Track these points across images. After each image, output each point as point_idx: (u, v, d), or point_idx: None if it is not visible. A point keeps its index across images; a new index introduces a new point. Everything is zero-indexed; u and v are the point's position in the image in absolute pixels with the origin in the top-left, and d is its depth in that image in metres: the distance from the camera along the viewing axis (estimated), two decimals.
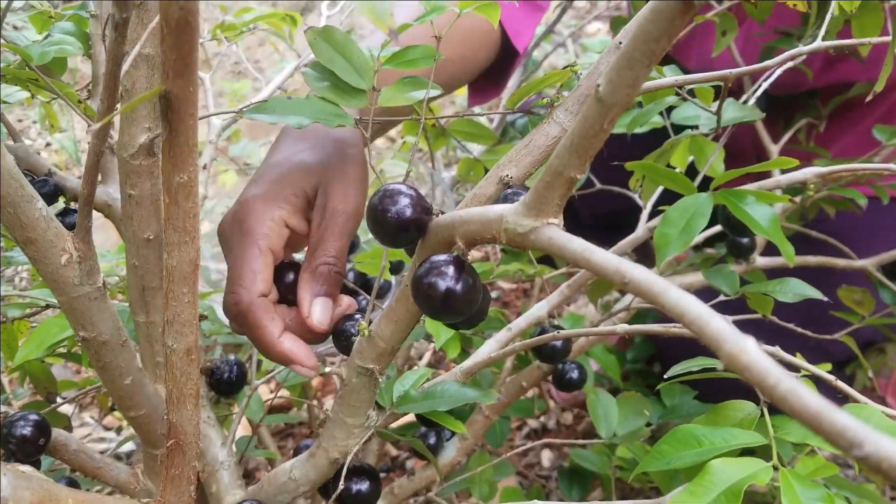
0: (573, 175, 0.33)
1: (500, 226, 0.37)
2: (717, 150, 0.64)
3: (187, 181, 0.41)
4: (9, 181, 0.48)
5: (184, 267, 0.44)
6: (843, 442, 0.21)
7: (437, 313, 0.42)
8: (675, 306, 0.27)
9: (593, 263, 0.31)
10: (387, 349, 0.54)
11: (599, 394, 0.75)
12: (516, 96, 0.53)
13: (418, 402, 0.61)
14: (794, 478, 0.47)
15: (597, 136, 0.31)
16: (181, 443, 0.50)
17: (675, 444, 0.52)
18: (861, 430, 0.21)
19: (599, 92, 0.30)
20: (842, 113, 1.06)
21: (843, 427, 0.21)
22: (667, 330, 0.55)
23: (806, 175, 0.61)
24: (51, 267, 0.52)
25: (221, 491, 0.68)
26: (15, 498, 0.48)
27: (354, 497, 0.62)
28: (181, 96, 0.39)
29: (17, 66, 0.69)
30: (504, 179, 0.49)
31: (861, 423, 0.21)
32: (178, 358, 0.47)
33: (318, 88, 0.56)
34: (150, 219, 0.62)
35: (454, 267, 0.41)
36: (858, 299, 0.86)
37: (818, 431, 0.22)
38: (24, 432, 0.62)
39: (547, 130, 0.48)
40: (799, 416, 0.22)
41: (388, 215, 0.44)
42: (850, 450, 0.21)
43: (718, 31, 0.87)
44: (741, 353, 0.24)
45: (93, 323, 0.55)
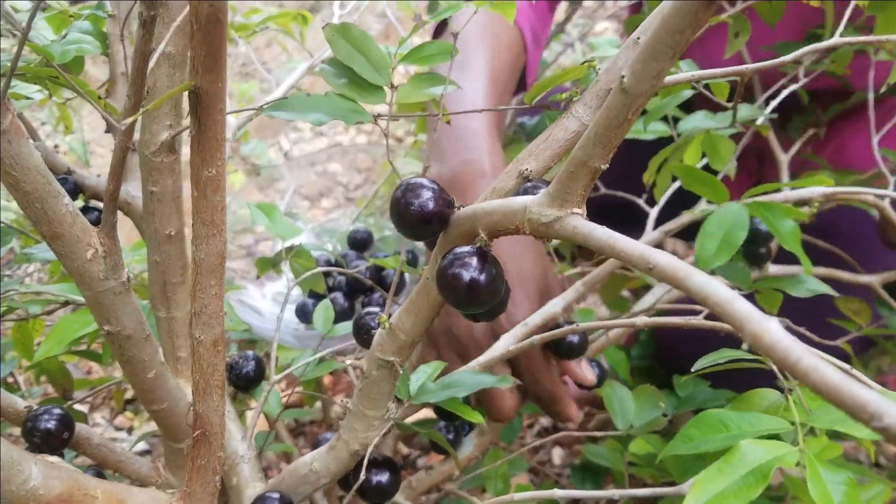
0: (597, 165, 0.34)
1: (523, 216, 0.38)
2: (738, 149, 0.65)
3: (215, 175, 0.42)
4: (36, 177, 0.49)
5: (212, 259, 0.45)
6: (864, 414, 0.22)
7: (461, 304, 0.43)
8: (700, 290, 0.28)
9: (618, 250, 0.32)
10: (407, 341, 0.55)
11: (615, 387, 0.76)
12: (534, 91, 0.54)
13: (436, 392, 0.62)
14: (820, 462, 0.48)
15: (620, 126, 0.32)
16: (207, 433, 0.51)
17: (703, 429, 0.53)
18: (882, 402, 0.22)
19: (624, 83, 0.31)
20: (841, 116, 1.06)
21: (865, 400, 0.22)
22: (687, 322, 0.56)
23: (812, 194, 0.63)
24: (77, 262, 0.53)
25: (242, 484, 0.69)
26: (45, 487, 0.49)
27: (374, 488, 0.63)
28: (210, 91, 0.39)
29: (37, 64, 0.70)
30: (523, 173, 0.50)
31: (880, 395, 0.22)
32: (204, 349, 0.48)
33: (336, 85, 0.57)
34: (172, 215, 0.63)
35: (477, 258, 0.42)
36: (855, 309, 0.87)
37: (839, 405, 0.23)
38: (48, 426, 0.63)
39: (566, 125, 0.49)
40: (821, 391, 0.23)
41: (411, 209, 0.45)
42: (871, 421, 0.22)
43: (731, 33, 0.87)
44: (765, 332, 0.25)
45: (117, 317, 0.56)
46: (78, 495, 0.51)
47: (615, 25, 2.71)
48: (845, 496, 0.46)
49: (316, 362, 0.78)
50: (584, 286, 0.66)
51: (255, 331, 0.91)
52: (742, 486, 0.47)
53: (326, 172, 1.60)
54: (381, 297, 0.93)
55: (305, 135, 2.50)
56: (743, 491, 0.46)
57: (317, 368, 0.77)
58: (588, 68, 0.51)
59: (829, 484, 0.46)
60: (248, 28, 1.01)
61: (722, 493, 0.46)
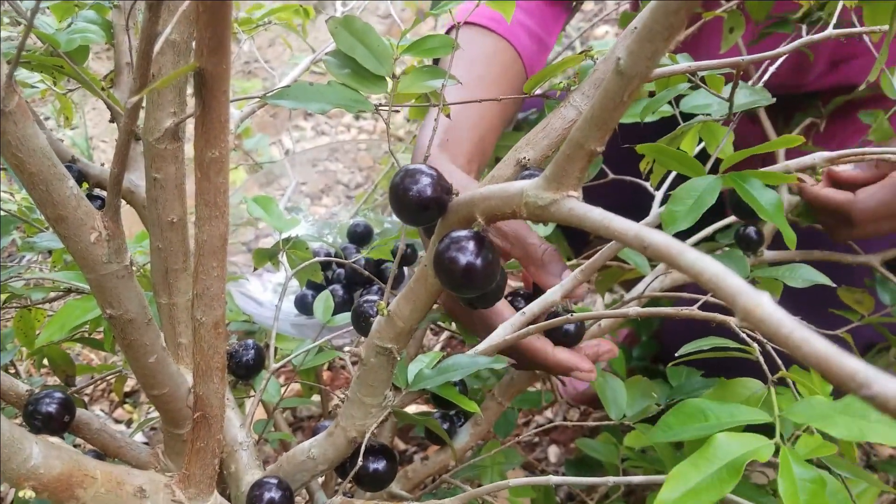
0: (594, 148, 0.34)
1: (520, 200, 0.39)
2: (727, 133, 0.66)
3: (218, 157, 0.43)
4: (41, 159, 0.49)
5: (214, 241, 0.45)
6: (852, 384, 0.23)
7: (457, 287, 0.43)
8: (693, 266, 0.28)
9: (613, 230, 0.32)
10: (405, 329, 0.56)
11: (608, 377, 0.77)
12: (532, 81, 0.54)
13: (432, 377, 0.62)
14: (794, 457, 0.48)
15: (617, 108, 0.33)
16: (207, 416, 0.52)
17: (682, 418, 0.53)
18: (870, 371, 0.22)
19: (620, 64, 0.31)
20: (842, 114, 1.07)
21: (853, 370, 0.23)
22: (679, 312, 0.57)
23: (815, 160, 0.63)
24: (80, 245, 0.53)
25: (240, 470, 0.69)
26: (46, 466, 0.49)
27: (371, 476, 0.64)
28: (215, 73, 0.40)
29: (42, 53, 0.71)
30: (521, 162, 0.50)
31: (869, 366, 0.23)
32: (206, 331, 0.48)
33: (339, 75, 0.57)
34: (175, 202, 0.63)
35: (474, 242, 0.43)
36: (858, 299, 0.87)
37: (828, 375, 0.23)
38: (49, 409, 0.63)
39: (564, 114, 0.49)
40: (811, 362, 0.24)
41: (409, 194, 0.46)
42: (859, 390, 0.22)
43: (726, 28, 0.88)
44: (757, 306, 0.26)
45: (120, 301, 0.57)
46: (77, 475, 0.51)
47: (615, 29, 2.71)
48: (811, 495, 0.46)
49: (315, 351, 0.78)
50: (582, 274, 0.66)
51: (255, 319, 0.91)
52: (716, 480, 0.47)
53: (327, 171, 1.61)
54: (379, 288, 0.94)
55: (307, 133, 2.51)
56: (716, 485, 0.47)
57: (315, 357, 0.77)
58: (585, 58, 0.52)
59: (798, 481, 0.47)
60: (251, 22, 1.01)
61: (695, 489, 0.47)
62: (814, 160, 0.61)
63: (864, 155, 0.57)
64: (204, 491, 0.56)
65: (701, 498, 0.48)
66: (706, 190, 0.54)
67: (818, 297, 0.86)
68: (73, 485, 0.51)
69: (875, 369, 0.23)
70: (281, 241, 0.83)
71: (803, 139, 0.61)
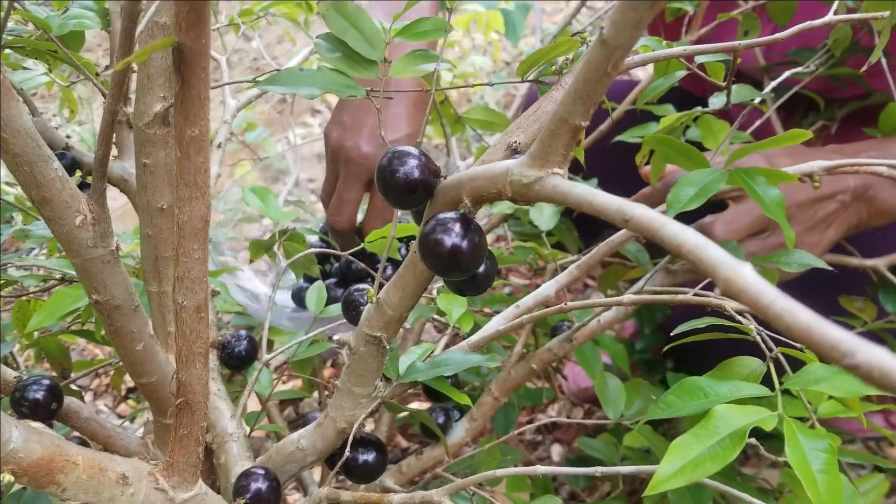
0: (578, 122, 0.33)
1: (505, 179, 0.38)
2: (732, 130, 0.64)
3: (199, 135, 0.42)
4: (26, 140, 0.49)
5: (194, 223, 0.44)
6: (835, 353, 0.22)
7: (443, 270, 0.42)
8: (674, 238, 0.27)
9: (596, 205, 0.31)
10: (395, 317, 0.55)
11: (608, 378, 0.75)
12: (525, 65, 0.53)
13: (424, 371, 0.61)
14: (799, 428, 0.47)
15: (601, 80, 0.32)
16: (190, 402, 0.51)
17: (682, 395, 0.52)
18: (853, 340, 0.21)
19: (603, 34, 0.30)
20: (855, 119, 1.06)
21: (836, 339, 0.22)
22: (674, 298, 0.55)
23: (812, 168, 0.62)
24: (65, 228, 0.52)
25: (230, 462, 0.69)
26: (25, 450, 0.48)
27: (360, 467, 0.63)
28: (194, 48, 0.39)
29: (37, 38, 0.70)
30: (512, 146, 0.49)
31: (852, 335, 0.21)
32: (188, 315, 0.48)
33: (330, 59, 0.56)
34: (164, 188, 0.63)
35: (460, 224, 0.41)
36: (860, 307, 0.86)
37: (811, 345, 0.22)
38: (36, 396, 0.63)
39: (555, 97, 0.48)
40: (793, 333, 0.23)
41: (396, 176, 0.45)
42: (843, 360, 0.21)
43: (741, 31, 0.87)
44: (737, 277, 0.24)
45: (106, 286, 0.56)
46: (59, 461, 0.51)
47: None
48: (826, 464, 0.45)
49: (307, 343, 0.77)
50: (577, 269, 0.65)
51: (250, 312, 0.91)
52: (718, 450, 0.46)
53: None
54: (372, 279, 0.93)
55: (315, 130, 2.50)
56: (719, 455, 0.46)
57: (309, 349, 0.76)
58: (580, 43, 0.51)
59: (807, 450, 0.45)
60: (251, 14, 1.01)
61: (697, 459, 0.46)
62: (811, 167, 0.60)
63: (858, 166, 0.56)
64: (188, 479, 0.55)
65: (704, 468, 0.47)
66: (711, 181, 0.53)
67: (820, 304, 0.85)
68: (54, 470, 0.50)
69: (859, 338, 0.21)
70: (277, 232, 0.82)
71: (811, 134, 0.60)
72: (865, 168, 0.56)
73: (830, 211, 0.74)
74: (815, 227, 0.74)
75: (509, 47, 2.54)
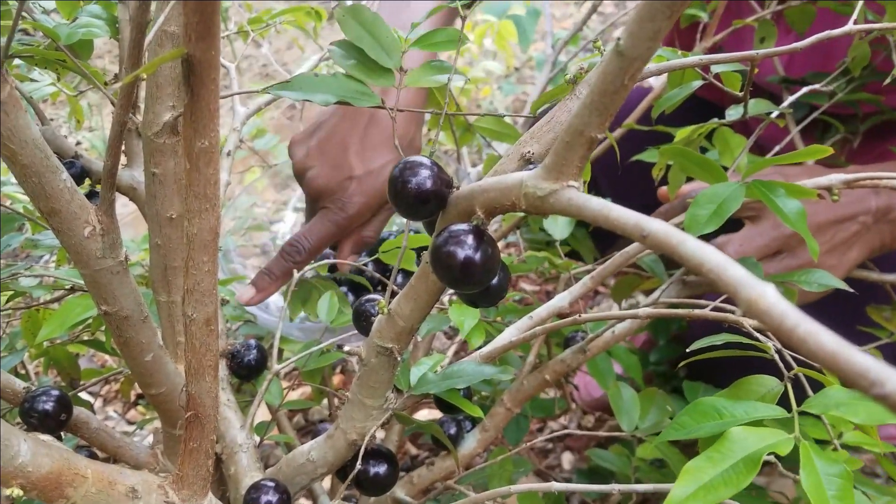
0: (593, 134, 0.33)
1: (519, 191, 0.37)
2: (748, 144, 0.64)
3: (208, 147, 0.41)
4: (34, 151, 0.48)
5: (204, 235, 0.44)
6: (863, 382, 0.21)
7: (455, 283, 0.42)
8: (694, 256, 0.26)
9: (612, 219, 0.30)
10: (406, 328, 0.54)
11: (622, 388, 0.74)
12: (540, 101, 0.53)
13: (436, 383, 0.61)
14: (815, 451, 0.46)
15: (617, 92, 0.31)
16: (200, 415, 0.50)
17: (696, 416, 0.51)
18: (883, 369, 0.21)
19: (620, 45, 0.30)
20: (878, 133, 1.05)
21: (864, 367, 0.21)
22: (690, 313, 0.54)
23: (831, 181, 0.61)
24: (74, 239, 0.52)
25: (240, 473, 0.68)
26: (34, 464, 0.48)
27: (371, 479, 0.62)
28: (203, 60, 0.39)
29: (46, 47, 0.70)
30: (525, 156, 0.48)
31: (881, 362, 0.21)
32: (197, 328, 0.47)
33: (345, 66, 0.56)
34: (174, 198, 0.62)
35: (473, 236, 0.41)
36: (887, 316, 0.85)
37: (837, 372, 0.21)
38: (46, 407, 0.62)
39: (569, 106, 0.48)
40: (818, 358, 0.22)
41: (408, 186, 0.44)
42: (871, 389, 0.21)
43: (756, 38, 0.86)
44: (760, 297, 0.24)
45: (115, 297, 0.56)
46: (68, 474, 0.50)
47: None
48: (841, 490, 0.44)
49: (318, 353, 0.77)
50: (591, 280, 0.65)
51: (259, 322, 0.90)
52: (732, 475, 0.45)
53: None
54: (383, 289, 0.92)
55: None
56: (732, 480, 0.45)
57: (319, 359, 0.76)
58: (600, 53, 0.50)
59: (822, 475, 0.44)
60: (261, 21, 1.00)
61: (710, 483, 0.45)
62: (830, 181, 0.59)
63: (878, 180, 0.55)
64: (198, 492, 0.55)
65: (717, 493, 0.46)
66: (729, 197, 0.52)
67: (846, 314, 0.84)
68: (63, 484, 0.50)
69: (888, 366, 0.21)
70: None
71: (831, 150, 0.59)
72: (885, 182, 0.55)
73: (852, 233, 0.73)
74: (835, 250, 0.73)
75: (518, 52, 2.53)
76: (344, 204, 0.80)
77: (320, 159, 0.82)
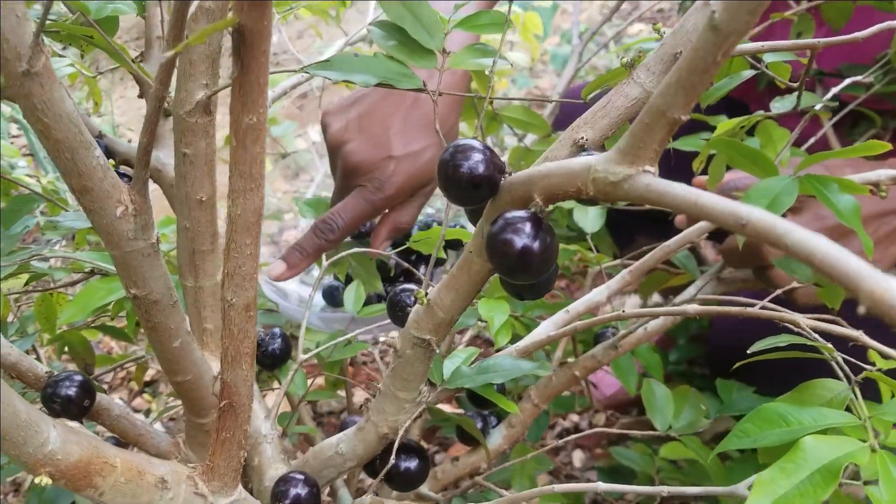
0: (677, 116, 0.31)
1: (587, 176, 0.35)
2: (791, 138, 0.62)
3: (256, 123, 0.40)
4: (68, 125, 0.46)
5: (248, 216, 0.42)
6: None
7: (512, 271, 0.40)
8: (803, 246, 0.25)
9: (701, 207, 0.29)
10: (446, 319, 0.52)
11: (654, 386, 0.72)
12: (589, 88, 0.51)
13: (472, 377, 0.59)
14: (893, 461, 0.44)
15: (708, 70, 0.29)
16: (234, 404, 0.49)
17: (760, 423, 0.49)
18: None
19: (715, 19, 0.28)
20: None
21: None
22: (744, 311, 0.53)
23: (879, 176, 0.59)
24: (106, 218, 0.50)
25: (264, 464, 0.66)
26: (63, 452, 0.46)
27: (403, 475, 0.60)
28: (255, 30, 0.37)
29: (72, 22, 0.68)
30: (578, 142, 0.47)
31: None
32: (236, 313, 0.45)
33: (385, 47, 0.54)
34: (204, 179, 0.60)
35: (531, 224, 0.39)
36: None
37: None
38: (69, 392, 0.61)
39: (626, 91, 0.46)
40: None
41: (460, 171, 0.43)
42: None
43: (793, 32, 0.84)
44: (887, 290, 0.22)
45: (145, 280, 0.54)
46: (97, 463, 0.48)
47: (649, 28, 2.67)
48: None
49: (343, 344, 0.75)
50: (630, 275, 0.63)
51: (281, 310, 0.88)
52: (809, 486, 0.43)
53: None
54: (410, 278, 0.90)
55: None
56: (810, 492, 0.43)
57: (344, 350, 0.74)
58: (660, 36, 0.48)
59: None
60: (287, 4, 0.98)
61: (787, 496, 0.43)
62: (878, 176, 0.57)
63: None
64: (228, 484, 0.53)
65: None
66: (783, 191, 0.50)
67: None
68: (92, 472, 0.48)
69: None
70: None
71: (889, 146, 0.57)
72: None
73: (894, 227, 0.71)
74: (879, 244, 0.71)
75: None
76: (381, 184, 0.77)
77: (359, 135, 0.79)
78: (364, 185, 0.77)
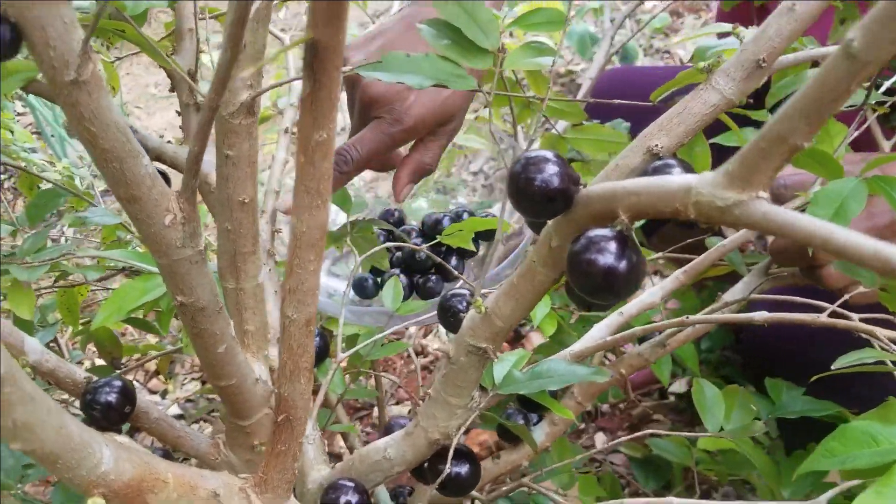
0: (799, 143, 0.29)
1: (686, 199, 0.33)
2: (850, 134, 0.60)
3: (326, 139, 0.38)
4: (116, 134, 0.45)
5: (313, 233, 0.40)
6: None
7: (595, 292, 0.38)
8: None
9: (835, 243, 0.27)
10: (504, 328, 0.51)
11: (704, 385, 0.71)
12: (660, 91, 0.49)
13: (525, 382, 0.58)
14: None
15: (838, 98, 0.27)
16: (291, 418, 0.47)
17: (847, 443, 0.48)
18: None
19: (853, 46, 0.26)
20: None
21: None
22: (816, 319, 0.51)
23: None
24: (154, 227, 0.49)
25: (306, 465, 0.65)
26: (116, 471, 0.45)
27: (454, 480, 0.59)
28: (329, 46, 0.35)
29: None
30: (652, 149, 0.45)
31: None
32: (296, 329, 0.44)
33: (439, 46, 0.52)
34: (247, 181, 0.59)
35: (617, 243, 0.37)
36: None
37: None
38: (109, 399, 0.59)
39: (705, 97, 0.44)
40: None
41: (533, 184, 0.41)
42: None
43: (837, 19, 0.82)
44: None
45: (192, 288, 0.52)
46: (149, 480, 0.47)
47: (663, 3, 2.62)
48: None
49: (381, 342, 0.73)
50: (684, 275, 0.61)
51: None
52: None
53: None
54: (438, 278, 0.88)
55: None
56: None
57: (384, 348, 0.73)
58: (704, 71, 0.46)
59: None
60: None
61: None
62: None
63: None
64: (281, 496, 0.52)
65: None
66: (850, 195, 0.48)
67: None
68: (144, 490, 0.47)
69: None
70: (348, 223, 0.78)
71: None
72: None
73: None
74: None
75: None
76: (400, 115, 0.73)
77: None
78: (382, 117, 0.74)
